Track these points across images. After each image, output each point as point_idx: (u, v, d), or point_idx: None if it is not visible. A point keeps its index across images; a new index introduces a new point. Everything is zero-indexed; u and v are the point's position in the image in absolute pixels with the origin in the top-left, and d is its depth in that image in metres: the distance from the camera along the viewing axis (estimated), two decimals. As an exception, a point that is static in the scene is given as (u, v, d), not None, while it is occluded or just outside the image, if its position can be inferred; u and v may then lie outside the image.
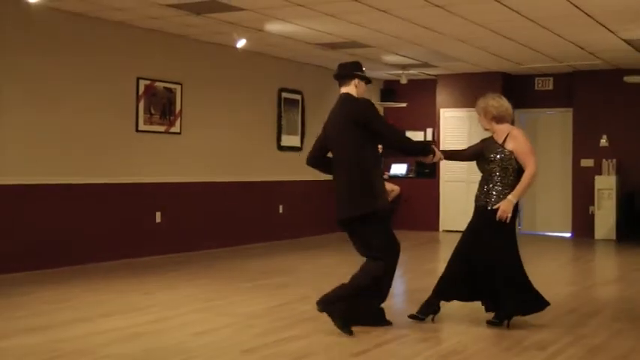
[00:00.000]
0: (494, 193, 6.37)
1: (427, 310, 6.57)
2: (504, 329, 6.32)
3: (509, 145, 6.40)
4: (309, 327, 6.28)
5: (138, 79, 10.68)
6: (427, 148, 6.63)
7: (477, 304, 6.62)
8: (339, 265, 10.06)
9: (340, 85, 6.45)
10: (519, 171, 6.41)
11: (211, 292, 8.09)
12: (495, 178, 6.40)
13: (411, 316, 6.53)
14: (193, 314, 6.87)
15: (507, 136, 6.44)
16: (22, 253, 9.09)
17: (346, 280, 6.17)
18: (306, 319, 6.54)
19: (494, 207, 6.31)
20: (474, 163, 6.69)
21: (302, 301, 7.32)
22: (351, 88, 6.37)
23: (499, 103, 6.55)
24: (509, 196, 6.27)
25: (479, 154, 6.59)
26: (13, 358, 5.25)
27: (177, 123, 11.33)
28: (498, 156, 6.40)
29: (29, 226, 9.23)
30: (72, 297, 7.71)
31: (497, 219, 6.26)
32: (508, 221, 6.30)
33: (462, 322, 6.70)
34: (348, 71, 6.43)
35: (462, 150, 7.20)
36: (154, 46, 10.91)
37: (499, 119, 6.52)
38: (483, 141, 6.67)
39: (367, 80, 6.47)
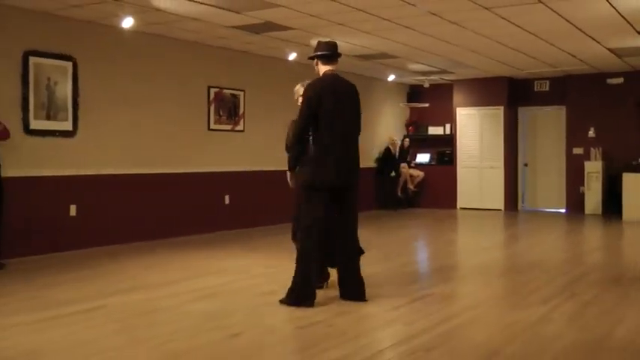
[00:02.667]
0: None
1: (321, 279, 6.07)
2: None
3: None
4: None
5: (209, 87, 10.73)
6: None
7: (492, 270, 6.53)
8: (374, 235, 10.07)
9: (327, 64, 5.97)
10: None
11: (272, 259, 8.07)
12: None
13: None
14: (257, 278, 6.88)
15: None
16: (122, 227, 9.23)
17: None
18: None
19: None
20: (486, 151, 6.56)
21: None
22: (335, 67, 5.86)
23: None
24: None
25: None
26: (116, 312, 5.33)
27: (241, 122, 11.37)
28: None
29: (127, 207, 9.37)
30: (158, 264, 7.81)
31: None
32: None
33: (477, 283, 6.69)
34: (337, 51, 5.98)
35: None
36: (222, 60, 10.95)
37: None
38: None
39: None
